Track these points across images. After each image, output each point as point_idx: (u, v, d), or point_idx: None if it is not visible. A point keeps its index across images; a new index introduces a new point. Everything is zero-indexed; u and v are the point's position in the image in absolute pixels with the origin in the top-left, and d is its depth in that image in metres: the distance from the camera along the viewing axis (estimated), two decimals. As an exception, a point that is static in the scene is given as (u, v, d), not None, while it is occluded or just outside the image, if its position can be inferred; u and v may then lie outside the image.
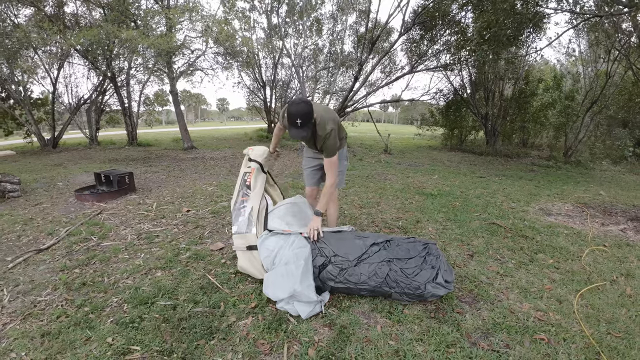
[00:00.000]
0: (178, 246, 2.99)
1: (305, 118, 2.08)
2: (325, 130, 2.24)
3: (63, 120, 11.58)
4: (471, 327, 1.92)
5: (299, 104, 2.12)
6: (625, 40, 8.39)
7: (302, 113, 2.08)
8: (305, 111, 2.08)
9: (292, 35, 12.62)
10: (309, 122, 2.12)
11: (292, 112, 2.10)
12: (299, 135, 2.14)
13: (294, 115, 2.08)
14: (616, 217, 4.06)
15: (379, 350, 1.72)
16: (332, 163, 2.33)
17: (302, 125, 2.10)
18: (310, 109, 2.12)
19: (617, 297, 2.27)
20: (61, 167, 7.05)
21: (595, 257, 2.92)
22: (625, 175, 7.90)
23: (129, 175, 4.79)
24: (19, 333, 1.82)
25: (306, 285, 1.99)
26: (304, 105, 2.11)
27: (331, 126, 2.24)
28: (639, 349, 1.76)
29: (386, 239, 2.29)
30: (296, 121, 2.08)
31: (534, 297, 2.25)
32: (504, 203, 4.67)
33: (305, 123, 2.10)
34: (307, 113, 2.09)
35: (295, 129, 2.12)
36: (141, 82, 12.05)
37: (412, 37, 10.98)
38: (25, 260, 2.69)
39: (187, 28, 9.26)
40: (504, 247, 3.10)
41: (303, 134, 2.14)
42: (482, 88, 11.84)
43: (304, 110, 2.08)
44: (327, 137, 2.24)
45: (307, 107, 2.11)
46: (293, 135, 2.17)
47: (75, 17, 9.68)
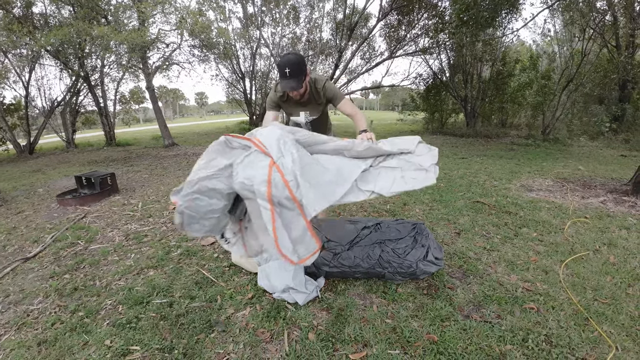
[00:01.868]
0: (168, 244, 2.97)
1: (294, 67, 2.00)
2: (321, 82, 2.24)
3: (38, 124, 11.18)
4: (463, 300, 2.00)
5: (287, 54, 2.06)
6: (600, 19, 8.60)
7: (291, 62, 2.00)
8: (294, 60, 2.01)
9: (269, 24, 12.45)
10: (299, 73, 2.03)
11: (281, 63, 2.03)
12: (289, 85, 2.05)
13: (283, 64, 2.01)
14: (596, 190, 4.22)
15: (377, 329, 1.78)
16: (349, 102, 2.31)
17: (292, 74, 2.01)
18: (301, 60, 2.05)
19: (601, 266, 2.37)
20: (40, 172, 6.83)
21: (577, 229, 3.04)
22: (602, 150, 8.19)
23: (110, 176, 4.69)
24: (15, 344, 1.79)
25: (298, 281, 2.02)
26: (293, 56, 2.04)
27: (325, 78, 2.26)
28: (626, 313, 1.85)
29: (376, 222, 2.34)
30: (285, 70, 2.00)
31: (520, 269, 2.35)
32: (487, 182, 4.79)
33: (295, 73, 2.01)
34: (296, 62, 2.01)
35: (285, 79, 2.03)
36: (116, 80, 11.73)
37: (390, 23, 10.99)
38: (13, 270, 2.62)
39: (161, 21, 9.02)
40: (489, 224, 3.20)
41: (293, 84, 2.04)
42: (460, 71, 12.00)
43: (293, 60, 2.01)
44: (325, 85, 2.24)
45: (297, 57, 2.04)
46: (284, 87, 2.08)
47: (45, 17, 9.28)
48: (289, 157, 1.57)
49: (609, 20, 9.05)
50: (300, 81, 2.05)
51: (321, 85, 2.25)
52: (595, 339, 1.67)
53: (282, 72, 2.02)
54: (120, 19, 8.05)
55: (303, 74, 2.06)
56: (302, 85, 2.08)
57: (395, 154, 2.00)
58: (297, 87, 2.06)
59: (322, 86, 2.25)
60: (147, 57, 9.48)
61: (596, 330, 1.72)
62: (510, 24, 9.82)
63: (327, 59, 13.69)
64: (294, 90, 2.10)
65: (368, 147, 1.93)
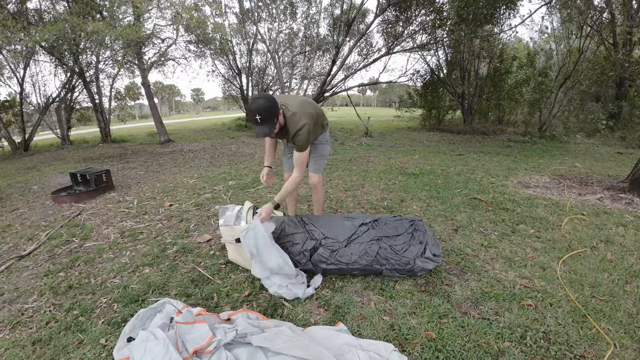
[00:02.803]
0: (164, 241, 2.94)
1: (264, 113, 1.99)
2: (296, 127, 2.16)
3: (32, 121, 11.06)
4: (461, 297, 1.99)
5: (257, 99, 2.04)
6: (598, 17, 8.60)
7: (260, 108, 1.98)
8: (264, 106, 1.99)
9: (265, 20, 12.33)
10: (270, 118, 2.02)
11: (251, 109, 2.02)
12: (261, 132, 2.05)
13: (253, 111, 2.00)
14: (592, 187, 4.23)
15: (375, 326, 1.77)
16: (301, 158, 2.26)
17: (263, 121, 2.00)
18: (270, 104, 2.02)
19: (598, 263, 2.38)
20: (35, 170, 6.77)
21: (574, 226, 3.04)
22: (599, 147, 8.21)
23: (106, 173, 4.64)
24: (9, 343, 1.77)
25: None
26: (263, 101, 2.02)
27: (304, 121, 2.16)
28: (624, 310, 1.85)
29: (374, 219, 2.33)
30: (255, 117, 1.99)
31: (518, 266, 2.34)
32: (484, 178, 4.79)
33: (266, 119, 2.01)
34: (266, 108, 2.00)
35: (257, 126, 2.03)
36: (111, 76, 11.63)
37: (388, 18, 10.93)
38: (7, 268, 2.59)
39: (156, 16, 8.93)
40: (487, 220, 3.19)
41: (265, 130, 2.04)
42: (457, 67, 11.97)
43: (262, 106, 1.99)
44: (298, 132, 2.17)
45: (266, 102, 2.02)
46: (257, 134, 2.09)
47: (39, 13, 9.16)
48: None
49: (606, 18, 9.06)
50: (272, 126, 2.06)
51: (294, 131, 2.19)
52: (594, 336, 1.67)
53: (252, 118, 2.01)
54: (115, 14, 7.94)
55: (274, 117, 2.05)
56: (274, 129, 2.09)
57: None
58: (269, 132, 2.07)
59: (295, 134, 2.19)
60: (143, 52, 9.39)
61: (594, 328, 1.72)
62: (508, 21, 9.82)
63: (325, 55, 13.62)
64: (267, 136, 2.15)
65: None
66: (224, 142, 9.65)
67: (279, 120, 2.11)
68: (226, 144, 9.36)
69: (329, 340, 1.61)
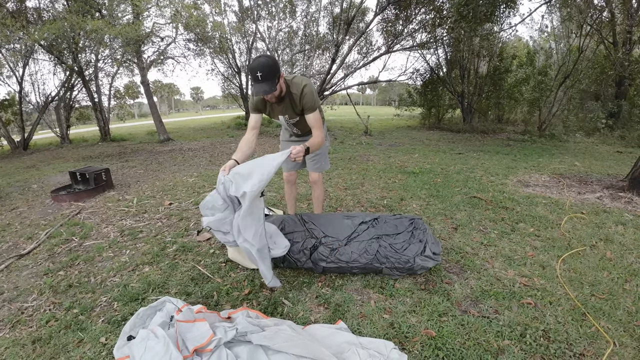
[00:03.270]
0: (164, 240, 2.94)
1: (265, 70, 1.93)
2: (299, 87, 2.13)
3: (32, 120, 11.05)
4: (460, 296, 1.99)
5: (258, 58, 2.00)
6: (597, 16, 8.59)
7: (262, 65, 1.93)
8: (265, 63, 1.94)
9: (265, 18, 12.31)
10: (271, 76, 1.96)
11: (252, 67, 1.96)
12: (262, 89, 1.98)
13: (254, 68, 1.94)
14: (592, 186, 4.23)
15: (375, 325, 1.77)
16: (316, 118, 2.20)
17: (263, 78, 1.94)
18: (272, 62, 1.97)
19: (598, 261, 2.38)
20: (34, 168, 6.76)
21: (574, 224, 3.05)
22: (598, 146, 8.22)
23: (105, 172, 4.64)
24: (9, 342, 1.76)
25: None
26: (264, 59, 1.97)
27: (306, 81, 2.14)
28: (623, 309, 1.85)
29: (374, 217, 2.33)
30: (256, 74, 1.93)
31: (518, 264, 2.35)
32: (483, 177, 4.79)
33: (267, 76, 1.94)
34: (267, 65, 1.94)
35: (257, 83, 1.97)
36: (110, 74, 11.61)
37: (388, 17, 10.91)
38: (7, 267, 2.58)
39: (155, 14, 8.91)
40: (486, 219, 3.19)
41: (265, 87, 1.97)
42: (457, 66, 11.97)
43: (264, 62, 1.94)
44: (303, 92, 2.13)
45: (268, 60, 1.97)
46: (257, 91, 2.01)
47: (38, 12, 9.14)
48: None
49: (606, 17, 9.05)
50: (273, 84, 1.99)
51: (298, 92, 2.13)
52: (593, 334, 1.68)
53: (253, 76, 1.96)
54: (114, 12, 7.94)
55: (276, 77, 1.99)
56: (275, 88, 2.01)
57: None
58: (269, 90, 1.99)
59: (300, 93, 2.13)
60: (142, 51, 9.37)
61: (594, 326, 1.73)
62: (507, 19, 9.81)
63: (324, 54, 13.60)
64: (267, 94, 2.04)
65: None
66: (223, 141, 9.65)
67: (280, 83, 2.05)
68: (226, 142, 9.35)
69: (329, 339, 1.61)
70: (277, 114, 2.35)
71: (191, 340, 1.54)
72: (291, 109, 2.26)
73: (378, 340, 1.62)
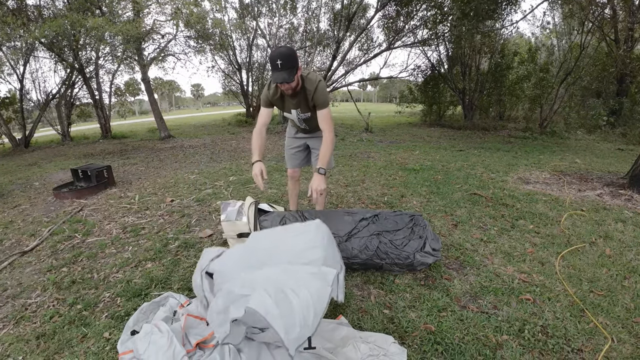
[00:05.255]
0: (166, 236, 2.96)
1: (285, 59, 1.96)
2: (314, 84, 2.16)
3: (33, 118, 11.05)
4: (460, 291, 2.01)
5: (279, 47, 2.04)
6: (599, 12, 8.55)
7: (283, 54, 1.97)
8: (286, 52, 1.98)
9: (265, 15, 12.29)
10: (290, 66, 1.99)
11: (272, 55, 2.00)
12: (280, 77, 2.00)
13: (275, 57, 1.98)
14: (592, 183, 4.24)
15: (375, 319, 1.79)
16: (328, 115, 2.23)
17: (283, 67, 1.97)
18: (293, 53, 2.02)
19: (597, 258, 2.39)
20: (36, 166, 6.78)
21: (573, 221, 3.06)
22: (599, 143, 8.20)
23: (107, 169, 4.66)
24: (14, 338, 1.79)
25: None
26: (285, 48, 2.02)
27: (320, 78, 2.18)
28: (622, 305, 1.87)
29: (374, 214, 2.34)
30: (276, 62, 1.96)
31: (517, 261, 2.36)
32: (484, 174, 4.80)
33: (286, 65, 1.97)
34: (288, 55, 1.98)
35: (276, 71, 2.00)
36: (110, 72, 11.58)
37: (389, 13, 10.88)
38: (10, 264, 2.61)
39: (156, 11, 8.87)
40: (486, 216, 3.21)
41: (285, 75, 1.99)
42: (458, 63, 11.93)
43: (284, 52, 1.99)
44: (317, 88, 2.16)
45: (289, 50, 2.02)
46: (275, 79, 2.04)
47: (38, 9, 9.12)
48: None
49: (608, 14, 9.01)
50: (292, 74, 2.00)
51: (313, 88, 2.16)
52: (591, 330, 1.69)
53: (273, 64, 1.98)
54: (114, 10, 7.92)
55: (295, 67, 2.01)
56: (293, 78, 2.02)
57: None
58: (289, 79, 2.00)
59: (314, 89, 2.16)
60: (142, 48, 9.36)
61: (592, 322, 1.74)
62: (509, 16, 9.77)
63: (325, 50, 13.57)
64: (286, 82, 2.04)
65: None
66: (224, 138, 9.66)
67: (297, 75, 2.07)
68: (226, 139, 9.36)
69: (329, 333, 1.63)
70: (290, 108, 2.36)
71: (194, 335, 1.56)
72: (305, 103, 2.28)
73: (378, 334, 1.64)
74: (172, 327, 1.55)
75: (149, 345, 1.45)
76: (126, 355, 1.51)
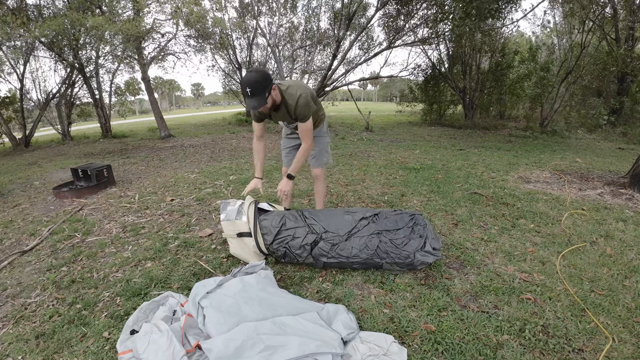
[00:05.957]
0: (166, 236, 2.96)
1: (253, 86, 1.99)
2: (294, 97, 2.18)
3: (33, 117, 11.05)
4: (460, 291, 2.01)
5: (249, 73, 2.06)
6: (600, 11, 8.53)
7: (251, 81, 1.99)
8: (254, 79, 2.01)
9: (265, 14, 12.26)
10: (260, 91, 2.02)
11: (242, 82, 2.04)
12: (251, 105, 2.05)
13: (244, 84, 2.01)
14: (593, 183, 4.23)
15: (375, 319, 1.78)
16: (306, 128, 2.27)
17: (252, 94, 2.00)
18: (261, 77, 2.03)
19: (598, 257, 2.38)
20: (36, 165, 6.78)
21: (574, 221, 3.05)
22: (600, 142, 8.19)
23: (107, 168, 4.65)
24: (13, 337, 1.79)
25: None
26: (254, 74, 2.03)
27: (301, 91, 2.19)
28: (623, 305, 1.86)
29: (374, 213, 2.33)
30: (246, 90, 2.00)
31: (517, 260, 2.36)
32: (484, 173, 4.79)
33: (256, 92, 2.01)
34: (256, 81, 2.01)
35: (247, 99, 2.04)
36: (111, 71, 11.57)
37: (389, 12, 10.85)
38: (10, 264, 2.61)
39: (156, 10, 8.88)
40: (487, 215, 3.20)
41: (254, 103, 2.04)
42: (459, 62, 11.90)
43: (253, 78, 2.01)
44: (297, 102, 2.18)
45: (257, 75, 2.03)
46: (247, 106, 2.09)
47: (38, 8, 9.12)
48: None
49: (608, 13, 8.98)
50: (262, 99, 2.04)
51: (293, 102, 2.19)
52: (592, 330, 1.69)
53: (243, 91, 2.02)
54: (114, 9, 7.92)
55: (266, 91, 2.04)
56: (265, 102, 2.06)
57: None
58: (258, 105, 2.05)
59: (295, 103, 2.19)
60: (143, 47, 9.35)
61: (593, 322, 1.74)
62: (510, 15, 9.74)
63: (325, 49, 13.54)
64: (256, 109, 2.11)
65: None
66: (224, 137, 9.65)
67: (271, 95, 2.11)
68: (227, 138, 9.36)
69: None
70: (277, 120, 2.47)
71: (194, 335, 1.55)
72: (288, 116, 2.33)
73: (378, 333, 1.64)
74: (172, 327, 1.55)
75: (148, 345, 1.45)
76: (125, 355, 1.51)
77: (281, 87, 2.21)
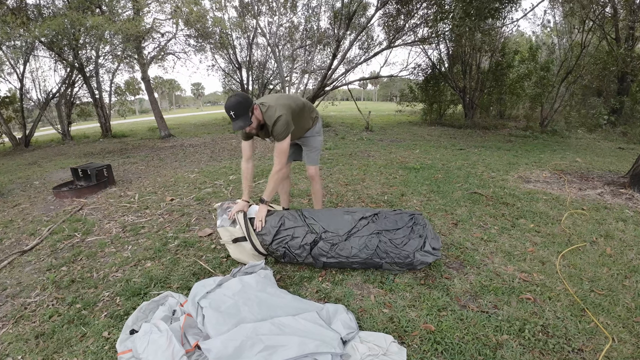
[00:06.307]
0: (165, 235, 2.96)
1: (236, 109, 2.17)
2: (272, 118, 2.26)
3: (33, 117, 11.06)
4: (460, 291, 2.01)
5: (230, 98, 2.23)
6: (600, 11, 8.52)
7: (233, 105, 2.16)
8: (235, 102, 2.17)
9: (265, 14, 12.25)
10: (244, 113, 2.19)
11: (226, 107, 2.20)
12: (237, 125, 2.21)
13: (227, 108, 2.18)
14: (593, 182, 4.23)
15: (374, 319, 1.78)
16: (282, 148, 2.33)
17: (237, 116, 2.18)
18: (241, 100, 2.19)
19: (597, 257, 2.38)
20: (36, 165, 6.79)
21: (574, 220, 3.05)
22: (600, 142, 8.19)
23: (107, 168, 4.65)
24: (13, 337, 1.79)
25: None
26: (235, 98, 2.21)
27: (280, 112, 2.25)
28: (622, 305, 1.86)
29: (374, 213, 2.33)
30: (230, 113, 2.18)
31: (517, 260, 2.36)
32: (484, 173, 4.79)
33: (239, 113, 2.18)
34: (238, 103, 2.17)
35: (233, 121, 2.21)
36: (111, 71, 11.58)
37: (389, 12, 10.84)
38: (10, 263, 2.61)
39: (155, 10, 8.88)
40: (486, 215, 3.20)
41: (240, 123, 2.20)
42: (459, 61, 11.89)
43: (235, 102, 2.17)
44: (275, 122, 2.26)
45: (238, 98, 2.20)
46: (234, 128, 2.24)
47: (38, 8, 9.11)
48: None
49: (609, 13, 8.98)
50: (247, 119, 2.21)
51: (271, 123, 2.27)
52: (592, 330, 1.69)
53: (228, 115, 2.19)
54: (114, 8, 7.92)
55: (248, 111, 2.20)
56: (250, 121, 2.23)
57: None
58: (245, 125, 2.21)
59: (272, 124, 2.27)
60: (142, 47, 9.35)
61: (592, 321, 1.74)
62: (510, 14, 9.73)
63: (325, 49, 13.53)
64: (243, 129, 2.27)
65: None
66: (224, 137, 9.65)
67: (255, 114, 2.26)
68: (227, 138, 9.36)
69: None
70: (263, 137, 2.55)
71: (193, 335, 1.55)
72: (270, 134, 2.42)
73: (377, 333, 1.64)
74: (171, 327, 1.55)
75: (148, 345, 1.45)
76: (125, 355, 1.51)
77: (262, 109, 2.30)
